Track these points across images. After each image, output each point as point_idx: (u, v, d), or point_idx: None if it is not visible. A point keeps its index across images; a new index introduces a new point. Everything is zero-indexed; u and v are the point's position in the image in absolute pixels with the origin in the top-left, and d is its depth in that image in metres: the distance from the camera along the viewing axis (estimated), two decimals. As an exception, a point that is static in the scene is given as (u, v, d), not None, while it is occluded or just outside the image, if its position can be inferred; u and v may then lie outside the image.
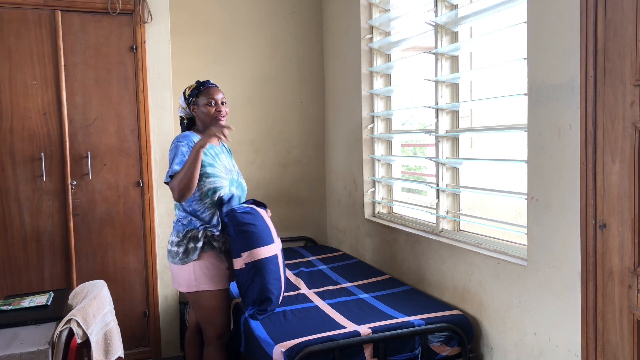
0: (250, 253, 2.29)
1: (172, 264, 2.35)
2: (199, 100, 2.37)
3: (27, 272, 2.94)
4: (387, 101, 3.32)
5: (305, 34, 3.94)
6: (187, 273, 2.30)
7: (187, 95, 2.40)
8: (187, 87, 2.44)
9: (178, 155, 2.23)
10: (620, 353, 1.64)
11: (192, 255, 2.28)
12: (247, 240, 2.30)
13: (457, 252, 2.48)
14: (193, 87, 2.40)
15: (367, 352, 2.13)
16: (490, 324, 2.30)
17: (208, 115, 2.36)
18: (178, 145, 2.26)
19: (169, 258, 2.36)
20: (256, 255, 2.30)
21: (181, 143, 2.26)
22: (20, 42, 2.86)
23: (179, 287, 2.35)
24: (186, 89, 2.42)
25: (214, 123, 2.35)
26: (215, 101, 2.37)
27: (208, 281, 2.30)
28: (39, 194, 2.94)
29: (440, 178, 2.67)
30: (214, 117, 2.36)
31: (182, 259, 2.29)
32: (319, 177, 4.05)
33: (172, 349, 3.23)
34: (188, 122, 2.48)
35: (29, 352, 1.59)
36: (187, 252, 2.29)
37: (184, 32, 3.58)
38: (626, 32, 1.55)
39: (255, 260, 2.30)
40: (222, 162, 2.39)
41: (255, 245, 2.30)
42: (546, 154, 1.93)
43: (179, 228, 2.33)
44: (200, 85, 2.39)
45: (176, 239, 2.33)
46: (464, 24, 2.52)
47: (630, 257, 1.58)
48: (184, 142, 2.26)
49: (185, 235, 2.31)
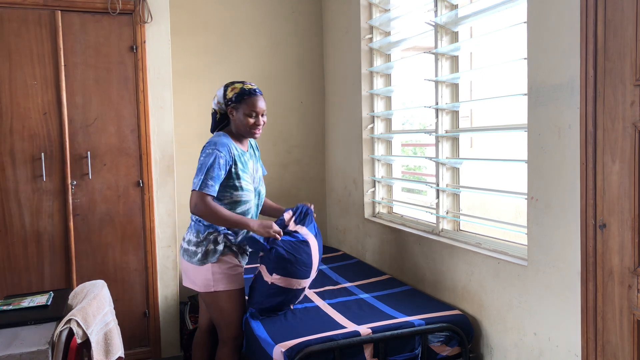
0: (284, 280, 2.29)
1: (188, 262, 2.33)
2: (240, 107, 2.29)
3: (27, 272, 2.94)
4: (387, 101, 3.32)
5: (305, 34, 3.93)
6: (205, 274, 2.29)
7: (228, 97, 2.32)
8: (229, 84, 2.34)
9: (215, 168, 2.18)
10: (620, 353, 1.64)
11: (212, 258, 2.28)
12: (285, 269, 2.28)
13: (457, 252, 2.48)
14: (237, 90, 2.30)
15: (367, 352, 2.13)
16: (490, 324, 2.30)
17: (246, 125, 2.30)
18: (218, 155, 2.19)
19: (185, 257, 2.34)
20: (289, 283, 2.30)
21: (221, 153, 2.20)
22: (20, 42, 2.86)
23: (194, 286, 2.34)
24: (228, 88, 2.33)
25: (248, 134, 2.33)
26: (257, 113, 2.30)
27: (225, 281, 2.30)
28: (39, 194, 2.94)
29: (440, 178, 2.67)
30: (252, 130, 2.32)
31: (200, 260, 2.29)
32: (319, 177, 4.05)
33: (172, 349, 3.23)
34: (221, 117, 2.41)
35: (29, 352, 1.59)
36: (206, 254, 2.29)
37: (184, 32, 3.58)
38: (626, 32, 1.55)
39: (285, 287, 2.31)
40: (250, 172, 2.36)
41: (291, 275, 2.30)
42: (546, 154, 1.93)
43: (200, 228, 2.32)
44: (247, 93, 2.30)
45: (195, 239, 2.31)
46: (464, 24, 2.52)
47: (630, 257, 1.58)
48: (223, 152, 2.21)
49: (206, 237, 2.30)
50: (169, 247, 3.18)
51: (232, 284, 2.32)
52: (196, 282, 2.33)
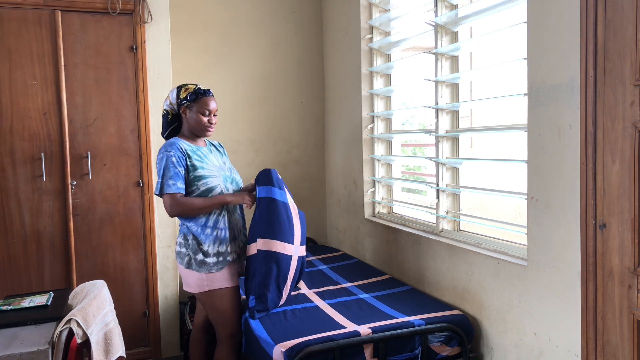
0: (266, 242, 2.30)
1: (180, 265, 2.35)
2: (194, 106, 2.34)
3: (27, 272, 2.94)
4: (387, 101, 3.32)
5: (305, 34, 3.94)
6: (197, 275, 2.29)
7: (182, 97, 2.36)
8: (182, 86, 2.39)
9: (170, 167, 2.23)
10: (620, 353, 1.64)
11: (203, 269, 2.29)
12: (264, 230, 2.31)
13: (457, 252, 2.48)
14: (190, 90, 2.35)
15: (367, 352, 2.13)
16: (490, 324, 2.30)
17: (200, 124, 2.35)
18: (168, 156, 2.25)
19: (178, 259, 2.36)
20: (272, 246, 2.31)
21: (170, 153, 2.25)
22: (20, 42, 2.86)
23: (189, 288, 2.35)
24: (181, 89, 2.37)
25: (202, 132, 2.38)
26: (210, 112, 2.37)
27: (219, 279, 2.31)
28: (39, 194, 2.94)
29: (440, 178, 2.67)
30: (205, 127, 2.37)
31: (188, 264, 2.30)
32: (319, 177, 4.05)
33: (172, 349, 3.23)
34: (172, 118, 2.44)
35: (29, 352, 1.59)
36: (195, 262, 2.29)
37: (184, 32, 3.58)
38: (626, 32, 1.55)
39: (270, 251, 2.31)
40: (211, 162, 2.38)
41: (272, 236, 2.32)
42: (546, 154, 1.93)
43: (185, 231, 2.34)
44: (201, 93, 2.36)
45: (183, 241, 2.33)
46: (464, 24, 2.52)
47: (630, 257, 1.58)
48: (172, 151, 2.26)
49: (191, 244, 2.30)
50: (169, 247, 3.18)
51: (226, 282, 2.32)
52: (190, 284, 2.33)
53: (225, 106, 3.72)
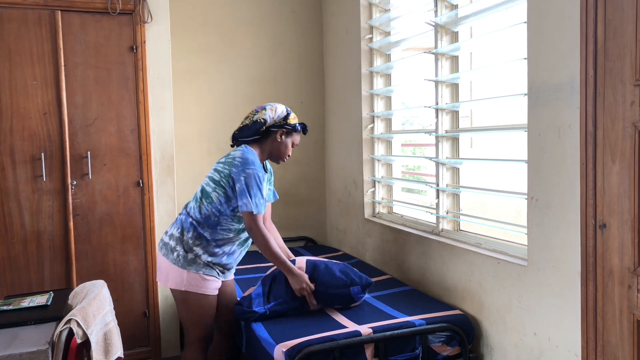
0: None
1: (164, 257, 2.30)
2: (292, 137, 2.42)
3: (27, 272, 2.94)
4: (387, 101, 3.32)
5: (305, 34, 3.93)
6: (179, 273, 2.26)
7: (287, 122, 2.38)
8: (293, 113, 2.44)
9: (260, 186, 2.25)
10: (620, 353, 1.64)
11: (190, 267, 2.26)
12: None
13: (457, 252, 2.48)
14: (297, 121, 2.43)
15: (368, 352, 2.13)
16: (490, 324, 2.30)
17: (284, 153, 2.42)
18: (255, 172, 2.24)
19: (163, 250, 2.32)
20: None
21: (256, 170, 2.25)
22: (20, 42, 2.86)
23: (165, 282, 2.30)
24: (292, 115, 2.41)
25: (278, 159, 2.44)
26: (295, 146, 2.46)
27: (199, 287, 2.27)
28: (39, 194, 2.93)
29: (440, 178, 2.67)
30: (285, 157, 2.44)
31: (176, 260, 2.26)
32: (319, 177, 4.05)
33: (172, 349, 3.23)
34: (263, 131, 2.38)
35: (29, 352, 1.59)
36: (186, 261, 2.26)
37: (184, 32, 3.58)
38: (626, 32, 1.55)
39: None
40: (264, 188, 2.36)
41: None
42: (546, 154, 1.93)
43: (187, 227, 2.29)
44: (304, 128, 2.46)
45: (178, 235, 2.29)
46: (464, 24, 2.52)
47: (630, 257, 1.58)
48: (260, 170, 2.27)
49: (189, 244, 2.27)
50: (169, 247, 3.17)
51: (205, 289, 2.29)
52: (168, 278, 2.29)
53: (226, 106, 3.72)
